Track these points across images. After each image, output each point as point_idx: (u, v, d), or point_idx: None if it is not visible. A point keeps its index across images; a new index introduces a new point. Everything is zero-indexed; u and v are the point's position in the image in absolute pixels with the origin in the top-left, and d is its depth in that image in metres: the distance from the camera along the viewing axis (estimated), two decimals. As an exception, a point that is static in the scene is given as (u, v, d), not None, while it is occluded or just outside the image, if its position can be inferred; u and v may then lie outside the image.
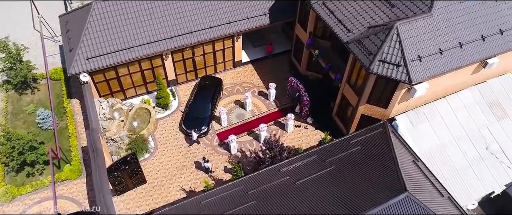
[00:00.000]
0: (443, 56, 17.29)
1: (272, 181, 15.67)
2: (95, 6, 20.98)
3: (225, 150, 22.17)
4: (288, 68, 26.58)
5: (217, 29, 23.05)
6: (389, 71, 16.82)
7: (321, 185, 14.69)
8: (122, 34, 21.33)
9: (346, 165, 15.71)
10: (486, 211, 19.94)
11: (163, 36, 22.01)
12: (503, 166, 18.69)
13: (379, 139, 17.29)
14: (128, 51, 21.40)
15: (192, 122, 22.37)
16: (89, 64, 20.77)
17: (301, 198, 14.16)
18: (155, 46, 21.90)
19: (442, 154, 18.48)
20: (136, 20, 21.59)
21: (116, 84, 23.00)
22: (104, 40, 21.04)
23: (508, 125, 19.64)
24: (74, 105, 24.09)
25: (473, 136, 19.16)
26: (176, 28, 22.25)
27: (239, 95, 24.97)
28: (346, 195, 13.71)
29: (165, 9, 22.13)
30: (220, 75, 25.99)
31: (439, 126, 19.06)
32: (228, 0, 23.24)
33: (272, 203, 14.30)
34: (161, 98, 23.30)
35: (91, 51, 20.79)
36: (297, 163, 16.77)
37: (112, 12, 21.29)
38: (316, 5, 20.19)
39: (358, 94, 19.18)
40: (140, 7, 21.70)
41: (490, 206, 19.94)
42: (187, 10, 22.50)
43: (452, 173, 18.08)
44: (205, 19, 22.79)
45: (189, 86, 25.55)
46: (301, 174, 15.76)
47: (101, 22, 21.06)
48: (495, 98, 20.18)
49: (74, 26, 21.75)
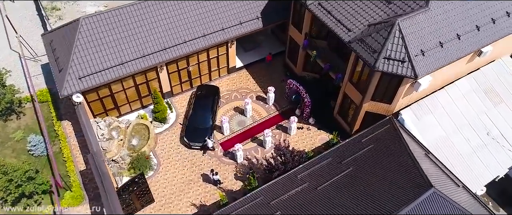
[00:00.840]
0: (443, 49, 17.65)
1: (292, 188, 15.45)
2: (83, 22, 19.93)
3: (230, 159, 21.73)
4: (283, 71, 26.42)
5: (211, 37, 22.52)
6: (395, 67, 16.98)
7: (344, 189, 14.61)
8: (114, 49, 20.40)
9: (364, 165, 15.73)
10: (489, 194, 20.65)
11: (156, 48, 21.25)
12: (505, 150, 19.37)
13: (389, 135, 17.45)
14: (122, 67, 20.50)
15: (194, 134, 21.78)
16: (82, 84, 19.72)
17: (327, 203, 14.02)
18: (150, 59, 21.11)
19: (448, 143, 18.92)
20: (127, 34, 20.72)
21: (110, 101, 22.01)
22: (95, 57, 20.05)
23: (504, 110, 20.39)
24: (66, 127, 22.87)
25: (474, 123, 19.75)
26: (169, 39, 21.54)
27: (237, 102, 24.57)
28: (371, 196, 13.70)
29: (157, 20, 21.38)
30: (215, 82, 25.47)
31: (441, 116, 19.49)
32: (220, 6, 22.74)
33: (299, 212, 14.07)
34: (158, 112, 22.52)
35: (82, 70, 19.74)
36: (312, 167, 16.61)
37: (101, 28, 20.32)
38: (312, 6, 20.11)
39: (362, 92, 19.28)
40: (130, 20, 20.84)
41: (492, 188, 20.61)
42: (179, 19, 21.84)
43: (459, 161, 18.54)
44: (198, 27, 22.21)
45: (185, 97, 24.88)
46: (320, 179, 15.63)
47: (90, 38, 20.04)
48: (490, 85, 20.88)
49: (61, 44, 20.59)
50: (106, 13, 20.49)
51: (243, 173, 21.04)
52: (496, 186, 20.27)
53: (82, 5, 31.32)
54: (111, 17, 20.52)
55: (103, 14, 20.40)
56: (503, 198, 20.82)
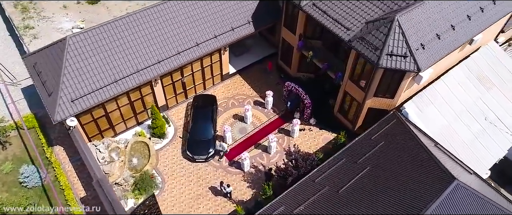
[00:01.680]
0: (441, 40, 18.04)
1: (312, 194, 15.27)
2: (70, 41, 18.80)
3: (237, 169, 21.29)
4: (276, 73, 26.18)
5: (204, 45, 21.94)
6: (398, 63, 17.16)
7: (366, 189, 14.60)
8: (106, 67, 19.40)
9: (380, 163, 15.80)
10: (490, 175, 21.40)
11: (150, 61, 20.43)
12: (503, 133, 20.12)
13: (397, 130, 17.65)
14: (116, 85, 19.54)
15: (197, 146, 21.17)
16: (75, 107, 18.61)
17: (353, 206, 13.94)
18: (144, 74, 20.26)
19: (451, 132, 19.41)
20: (118, 50, 19.76)
21: (104, 122, 20.95)
22: (87, 77, 18.98)
23: (497, 94, 21.17)
24: (59, 153, 21.57)
25: (472, 109, 20.37)
26: (163, 51, 20.77)
27: (235, 109, 24.11)
28: (396, 196, 13.75)
29: (148, 32, 20.55)
30: (210, 91, 24.89)
31: (441, 106, 19.97)
32: (210, 14, 22.18)
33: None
34: (156, 127, 21.68)
35: (75, 92, 18.63)
36: (328, 170, 16.51)
37: (90, 45, 19.26)
38: (307, 7, 19.99)
39: (365, 89, 19.39)
40: (120, 35, 19.89)
41: (492, 170, 21.35)
42: (171, 30, 21.12)
43: (463, 148, 19.06)
44: (191, 37, 21.56)
45: (180, 109, 24.13)
46: (339, 181, 15.54)
47: (80, 57, 18.94)
48: (481, 71, 21.61)
49: (47, 66, 19.33)
50: (93, 29, 19.43)
51: (252, 181, 20.68)
52: (495, 167, 21.01)
53: (57, 22, 29.73)
54: (100, 34, 19.49)
55: (91, 31, 19.34)
56: (503, 179, 21.65)
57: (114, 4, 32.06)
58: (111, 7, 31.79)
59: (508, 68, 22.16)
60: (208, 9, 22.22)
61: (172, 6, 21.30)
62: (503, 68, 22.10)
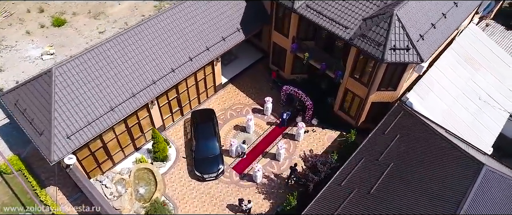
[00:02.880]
0: (436, 29, 18.57)
1: (343, 198, 15.10)
2: (57, 73, 17.19)
3: (249, 181, 20.72)
4: (268, 77, 25.74)
5: (197, 59, 21.06)
6: (401, 56, 17.43)
7: (396, 186, 14.67)
8: (99, 95, 17.99)
9: (402, 157, 15.96)
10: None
11: (145, 83, 19.25)
12: (496, 109, 21.19)
13: (407, 122, 17.97)
14: (113, 113, 18.19)
15: (205, 165, 20.33)
16: (72, 143, 17.09)
17: (389, 206, 13.93)
18: (141, 97, 19.06)
19: (452, 115, 20.12)
20: (110, 75, 18.40)
21: (102, 153, 19.48)
22: (80, 109, 17.48)
23: (484, 73, 22.27)
24: (53, 194, 19.76)
25: (466, 91, 21.27)
26: (157, 70, 19.66)
27: (235, 120, 23.44)
28: (429, 190, 13.93)
29: (139, 52, 19.34)
30: (205, 104, 24.02)
31: (440, 91, 20.64)
32: (200, 26, 21.31)
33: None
34: (158, 151, 20.52)
35: (69, 127, 17.09)
36: (351, 171, 16.44)
37: (79, 74, 17.75)
38: (301, 9, 19.75)
39: (368, 85, 19.55)
40: (110, 59, 18.53)
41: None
42: (162, 47, 20.03)
43: (466, 130, 19.83)
44: (183, 52, 20.60)
45: (178, 127, 23.05)
46: (366, 181, 15.51)
47: (69, 89, 17.39)
48: (467, 53, 22.60)
49: (32, 103, 17.57)
50: (80, 56, 17.92)
51: (267, 192, 20.23)
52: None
53: (22, 50, 27.34)
54: (88, 60, 18.02)
55: (78, 59, 17.83)
56: (500, 153, 22.80)
57: (83, 24, 30.03)
58: (79, 27, 29.74)
59: (490, 48, 23.36)
60: (197, 21, 21.34)
61: (159, 22, 20.20)
62: (485, 48, 23.27)
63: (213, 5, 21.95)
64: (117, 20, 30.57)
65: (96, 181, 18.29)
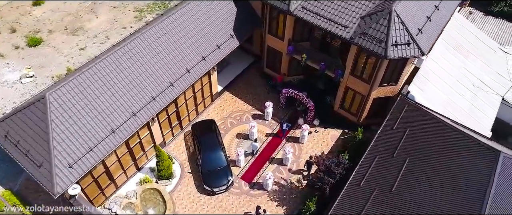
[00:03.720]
0: (431, 22, 18.95)
1: (365, 199, 15.06)
2: (51, 98, 16.07)
3: (259, 189, 20.36)
4: (263, 81, 25.38)
5: (195, 70, 20.42)
6: (403, 51, 17.62)
7: (417, 182, 14.78)
8: (98, 118, 17.01)
9: (417, 152, 16.13)
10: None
11: (145, 100, 18.42)
12: (489, 94, 21.94)
13: (414, 115, 18.22)
14: (114, 135, 17.27)
15: (214, 178, 19.76)
16: (75, 172, 16.06)
17: (414, 202, 14.00)
18: (141, 115, 18.21)
19: (451, 104, 20.61)
20: (107, 95, 17.44)
21: (105, 178, 18.48)
22: (80, 134, 16.45)
23: (474, 60, 23.00)
24: (56, 227, 18.51)
25: (460, 78, 21.87)
26: (155, 85, 18.88)
27: (236, 128, 22.97)
28: (451, 182, 14.12)
29: (135, 69, 18.51)
30: (203, 115, 23.39)
31: (436, 81, 21.09)
32: (193, 36, 20.67)
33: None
34: (163, 169, 19.74)
35: (70, 155, 16.04)
36: (367, 170, 16.44)
37: (75, 98, 16.69)
38: (297, 11, 19.55)
39: (369, 82, 19.66)
40: (106, 78, 17.57)
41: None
42: (158, 61, 19.26)
43: (466, 117, 20.37)
44: (180, 64, 19.91)
45: (178, 141, 22.29)
46: (385, 179, 15.55)
47: (66, 115, 16.31)
48: (455, 41, 23.24)
49: (26, 133, 16.34)
50: (74, 79, 16.85)
51: (279, 199, 19.95)
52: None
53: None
54: (82, 82, 16.99)
55: (72, 82, 16.75)
56: (494, 135, 23.63)
57: (61, 42, 28.48)
58: (58, 45, 28.17)
59: (475, 35, 24.16)
60: (189, 31, 20.69)
61: (151, 36, 19.41)
62: (471, 35, 24.04)
63: (203, 14, 21.36)
64: (97, 34, 29.21)
65: (105, 209, 17.29)
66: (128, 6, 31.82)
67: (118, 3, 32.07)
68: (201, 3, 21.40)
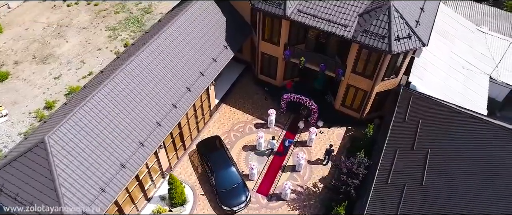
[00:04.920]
0: (425, 12, 19.36)
1: (398, 196, 15.06)
2: (51, 142, 14.49)
3: (278, 200, 19.86)
4: (258, 89, 24.81)
5: (195, 87, 19.47)
6: (405, 45, 17.84)
7: (446, 172, 14.99)
8: (105, 154, 15.66)
9: (436, 141, 16.38)
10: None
11: (151, 127, 17.24)
12: (478, 74, 22.95)
13: (422, 104, 18.59)
14: (125, 170, 15.97)
15: (231, 196, 18.99)
16: (90, 217, 14.63)
17: (449, 193, 14.18)
18: (149, 143, 17.04)
19: (449, 89, 21.29)
20: (111, 128, 16.10)
21: (117, 216, 17.10)
22: (89, 175, 15.03)
23: (459, 44, 23.95)
24: None
25: (451, 63, 22.67)
26: (158, 110, 17.73)
27: (241, 141, 22.25)
28: (477, 166, 14.44)
29: (135, 95, 17.25)
30: (205, 132, 22.46)
31: (432, 69, 21.69)
32: (188, 51, 19.67)
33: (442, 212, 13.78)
34: (176, 196, 18.65)
35: (82, 200, 14.60)
36: (390, 166, 16.48)
37: (77, 136, 15.21)
38: (294, 15, 19.19)
39: (372, 77, 19.78)
40: (106, 110, 16.22)
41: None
42: (156, 83, 18.13)
43: (464, 100, 21.12)
44: (180, 83, 18.87)
45: (184, 163, 21.21)
46: (412, 173, 15.66)
47: (71, 156, 14.82)
48: (440, 27, 24.06)
49: (27, 183, 14.63)
50: (72, 117, 15.34)
51: (299, 207, 19.61)
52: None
53: (-33, 118, 22.85)
54: (82, 118, 15.52)
55: (71, 119, 15.25)
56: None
57: (32, 73, 26.14)
58: (28, 77, 25.84)
59: (455, 19, 25.18)
60: (183, 48, 19.67)
61: (146, 58, 18.22)
62: (451, 19, 25.02)
63: (194, 28, 20.41)
64: (70, 60, 27.13)
65: (127, 251, 15.97)
66: (98, 26, 29.87)
67: (87, 23, 30.00)
68: (189, 17, 20.42)
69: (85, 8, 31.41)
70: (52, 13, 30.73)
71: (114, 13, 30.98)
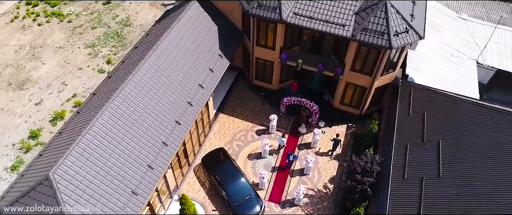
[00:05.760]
0: (416, 5, 19.68)
1: (418, 190, 15.19)
2: (56, 177, 13.39)
3: (291, 206, 19.60)
4: (254, 94, 24.39)
5: (196, 100, 18.80)
6: (404, 39, 18.07)
7: (461, 162, 15.24)
8: (114, 182, 14.72)
9: (444, 132, 16.66)
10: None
11: (157, 148, 16.45)
12: (465, 60, 23.72)
13: (423, 96, 18.88)
14: (136, 196, 15.10)
15: (245, 209, 18.51)
16: (107, 252, 13.69)
17: (471, 182, 14.41)
18: (158, 165, 16.22)
19: (443, 78, 21.82)
20: (117, 154, 15.18)
21: (131, 246, 16.13)
22: (100, 207, 14.07)
23: (446, 33, 24.62)
24: None
25: (441, 52, 23.26)
26: (162, 129, 16.95)
27: (245, 150, 21.78)
28: (491, 152, 14.80)
29: (137, 117, 16.35)
30: (206, 145, 21.85)
31: (425, 60, 22.14)
32: (185, 64, 18.95)
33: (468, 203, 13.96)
34: (188, 215, 17.95)
35: (97, 235, 13.62)
36: (404, 161, 16.63)
37: (83, 168, 14.18)
38: (290, 18, 18.95)
39: (371, 73, 19.92)
40: (110, 136, 15.24)
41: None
42: (158, 100, 17.28)
43: (459, 87, 21.68)
44: (180, 98, 18.15)
45: (191, 180, 20.48)
46: (427, 166, 15.84)
47: (79, 190, 13.79)
48: (427, 18, 24.59)
49: (32, 225, 13.44)
50: (74, 149, 14.27)
51: (313, 210, 19.44)
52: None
53: None
54: (85, 149, 14.51)
55: (73, 152, 14.19)
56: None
57: (9, 101, 24.41)
58: (6, 106, 24.23)
59: (440, 10, 25.87)
60: (180, 60, 18.95)
61: (144, 76, 17.36)
62: (436, 11, 25.68)
63: (187, 39, 19.71)
64: (50, 83, 25.50)
65: None
66: (76, 44, 28.28)
67: (63, 42, 28.33)
68: (181, 29, 19.65)
69: (58, 26, 29.63)
70: (23, 34, 28.75)
71: (91, 28, 29.44)
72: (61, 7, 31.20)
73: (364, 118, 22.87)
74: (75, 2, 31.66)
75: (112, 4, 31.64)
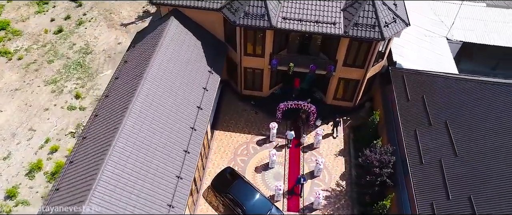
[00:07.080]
0: (400, -8, 20.16)
1: (440, 173, 15.62)
2: (90, 211, 11.75)
3: (310, 211, 19.35)
4: (244, 105, 23.65)
5: (197, 123, 17.70)
6: (393, 29, 18.46)
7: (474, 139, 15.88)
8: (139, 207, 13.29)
9: (449, 113, 17.30)
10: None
11: (172, 184, 15.21)
12: (437, 37, 24.93)
13: (417, 81, 19.54)
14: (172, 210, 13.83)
15: (267, 226, 17.89)
16: None
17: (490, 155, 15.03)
18: (177, 203, 14.98)
19: (424, 59, 22.74)
20: (138, 202, 13.69)
21: None
22: (132, 265, 12.62)
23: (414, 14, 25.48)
24: None
25: (415, 34, 24.21)
26: (173, 162, 15.75)
27: (250, 164, 21.08)
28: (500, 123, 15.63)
29: (145, 154, 14.97)
30: (209, 167, 20.91)
31: (406, 44, 22.88)
32: (179, 86, 17.73)
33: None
34: (213, 246, 16.91)
35: None
36: (417, 145, 17.06)
37: (112, 200, 12.58)
38: (280, 24, 18.48)
39: (364, 66, 20.18)
40: (128, 165, 13.69)
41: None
42: (162, 133, 15.97)
43: (437, 64, 22.71)
44: (182, 125, 16.97)
45: (202, 207, 19.40)
46: (441, 148, 16.35)
47: (105, 251, 12.23)
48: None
49: None
50: (99, 184, 12.59)
51: (333, 210, 19.40)
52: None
53: None
54: (109, 179, 12.94)
55: (99, 185, 12.50)
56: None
57: (-29, 161, 21.07)
58: (-32, 167, 20.81)
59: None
60: (173, 84, 17.65)
61: (142, 108, 15.86)
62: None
63: (175, 62, 18.42)
64: (15, 132, 22.63)
65: None
66: (34, 83, 25.37)
67: (18, 83, 25.24)
68: (166, 51, 18.27)
69: (7, 65, 26.35)
70: (-33, 82, 25.15)
71: (47, 63, 26.56)
72: (5, 43, 27.77)
73: (357, 109, 23.23)
74: (21, 36, 28.37)
75: (65, 32, 28.82)
